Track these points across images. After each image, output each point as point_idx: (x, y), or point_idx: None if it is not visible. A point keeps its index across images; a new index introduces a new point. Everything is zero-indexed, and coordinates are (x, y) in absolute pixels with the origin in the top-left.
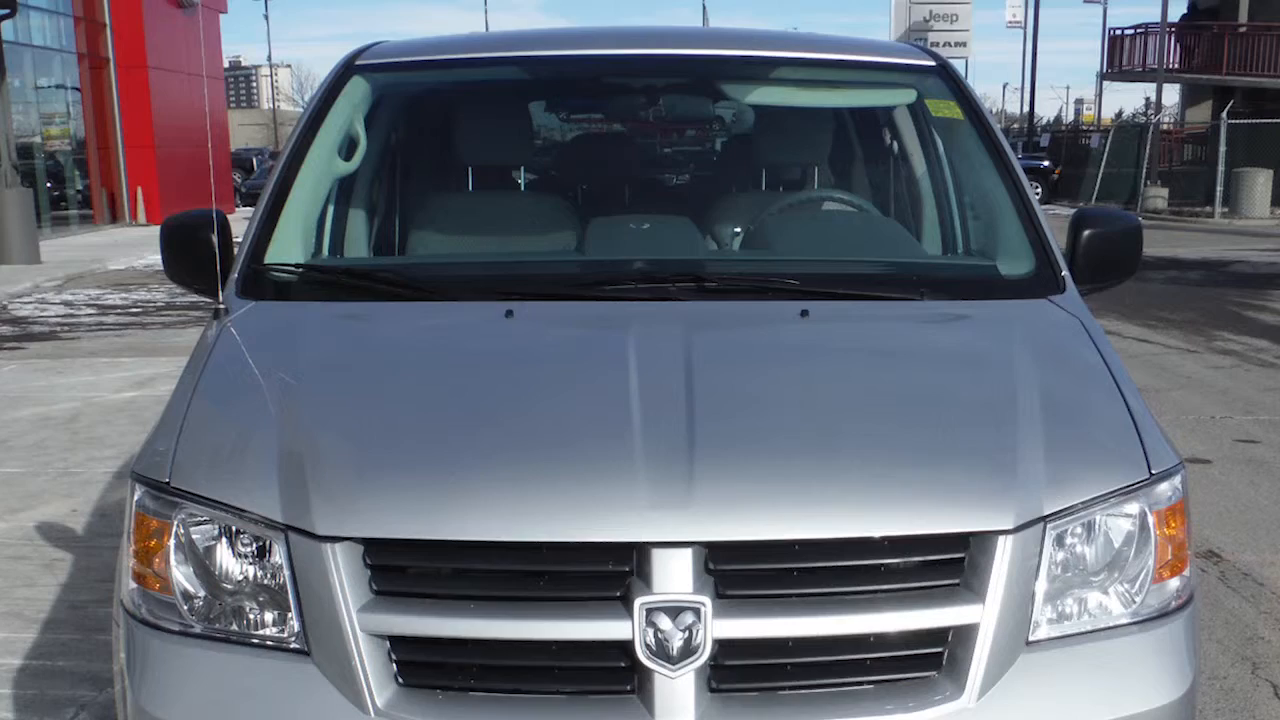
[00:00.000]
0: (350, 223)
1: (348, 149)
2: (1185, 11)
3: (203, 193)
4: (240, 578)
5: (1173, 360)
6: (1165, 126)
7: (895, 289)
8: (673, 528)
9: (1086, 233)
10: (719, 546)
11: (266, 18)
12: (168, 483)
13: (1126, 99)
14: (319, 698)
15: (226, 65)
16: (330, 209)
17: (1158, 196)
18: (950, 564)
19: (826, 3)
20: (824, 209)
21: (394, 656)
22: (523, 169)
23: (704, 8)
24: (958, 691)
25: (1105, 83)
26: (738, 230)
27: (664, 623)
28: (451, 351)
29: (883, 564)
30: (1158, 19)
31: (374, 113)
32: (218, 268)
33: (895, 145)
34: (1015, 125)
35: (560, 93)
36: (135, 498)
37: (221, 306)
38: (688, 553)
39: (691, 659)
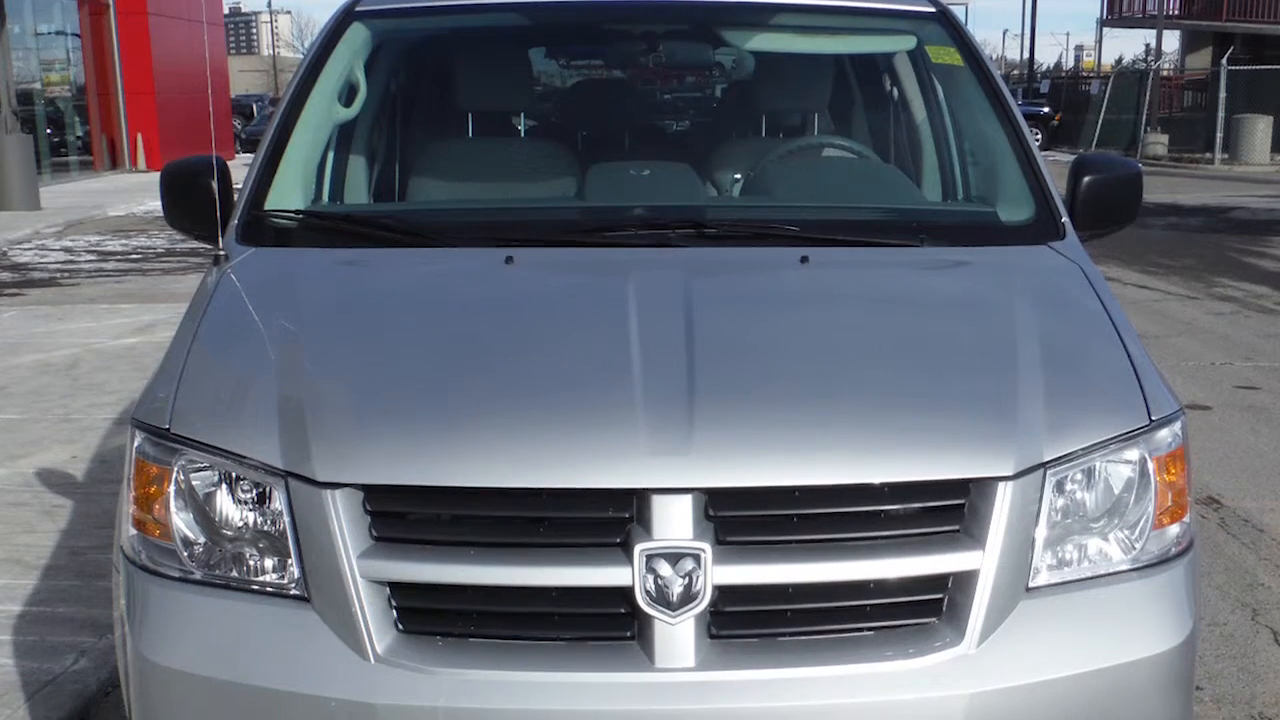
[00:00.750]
0: (350, 169)
1: (348, 95)
2: None
3: (203, 139)
4: (240, 524)
5: (1173, 306)
6: (1165, 73)
7: (895, 235)
8: (673, 474)
9: (1086, 179)
10: (719, 493)
11: None
12: (168, 429)
13: (1126, 45)
14: (319, 644)
15: (226, 11)
16: (330, 155)
17: (1157, 143)
18: (950, 510)
19: None
20: (824, 155)
21: (394, 603)
22: (523, 115)
23: None
24: (957, 638)
25: (1105, 29)
26: (738, 176)
27: (664, 569)
28: (451, 298)
29: (882, 510)
30: None
31: (374, 59)
32: (218, 214)
33: (895, 92)
34: (1015, 72)
35: (560, 39)
36: (135, 444)
37: (221, 253)
38: (687, 499)
39: (691, 605)
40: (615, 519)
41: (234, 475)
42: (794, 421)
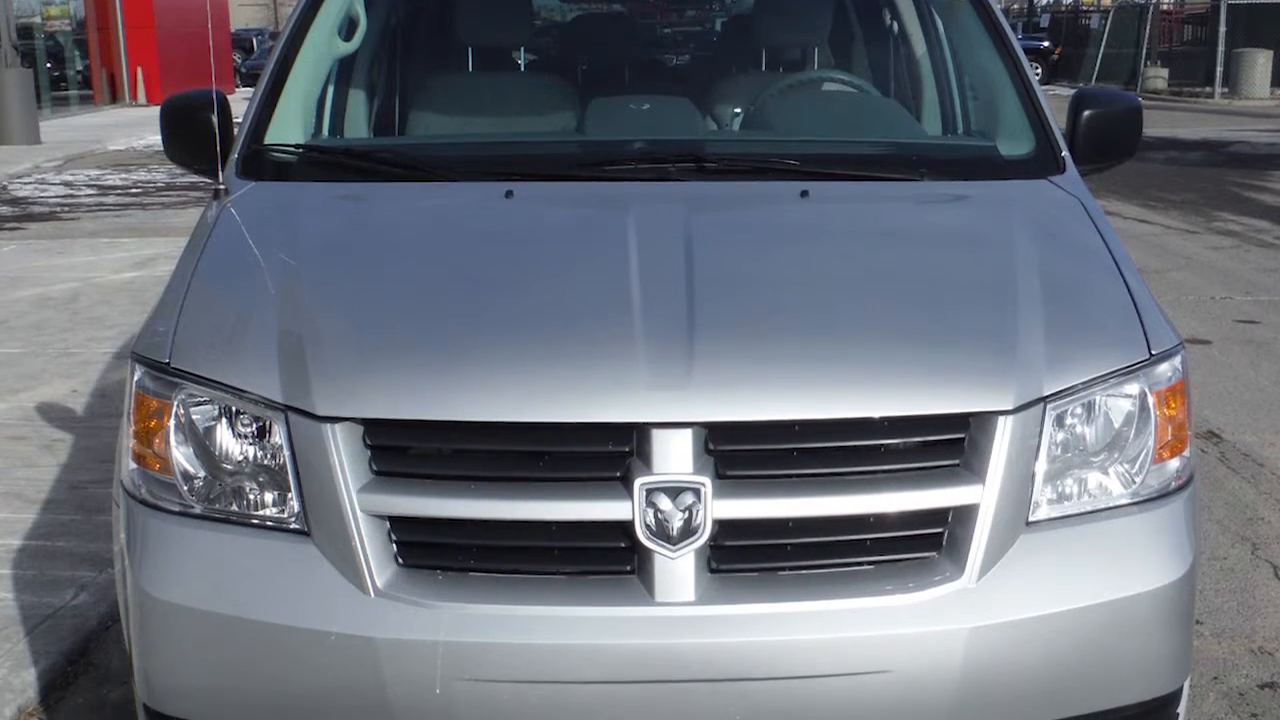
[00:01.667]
0: (350, 103)
1: (347, 29)
2: None
3: (203, 73)
4: (240, 458)
5: (1173, 241)
6: (1165, 7)
7: (895, 169)
8: (673, 408)
9: (1086, 113)
10: (719, 427)
11: None
12: (168, 363)
13: None
14: (319, 578)
15: None
16: (330, 89)
17: (1157, 77)
18: (950, 444)
19: None
20: (824, 89)
21: (394, 537)
22: (522, 50)
23: None
24: (957, 572)
25: None
26: (738, 111)
27: (664, 503)
28: (451, 232)
29: (882, 444)
30: None
31: None
32: (218, 148)
33: (895, 26)
34: (1015, 6)
35: None
36: (135, 378)
37: (221, 187)
38: (687, 433)
39: (691, 539)
40: (615, 453)
41: (234, 409)
42: (794, 356)
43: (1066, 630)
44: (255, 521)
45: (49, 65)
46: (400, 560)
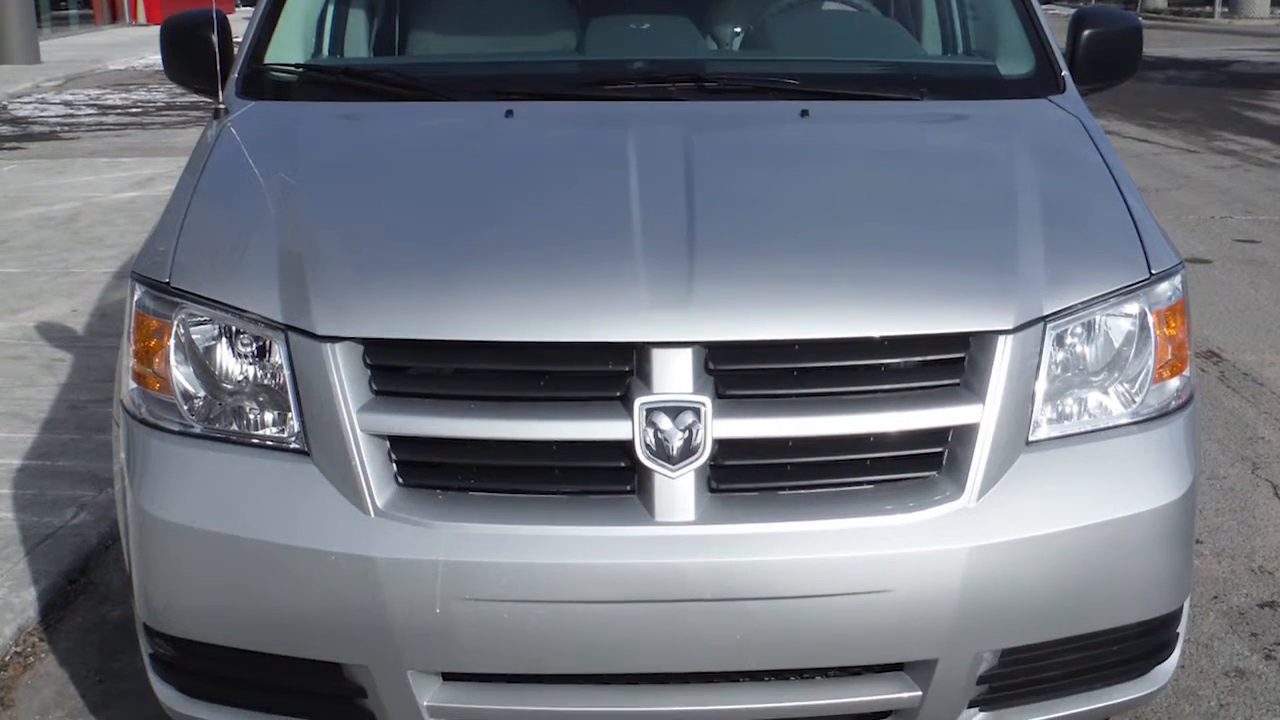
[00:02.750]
0: (350, 22)
1: None
2: None
3: None
4: (240, 378)
5: (1173, 160)
6: None
7: (895, 89)
8: (673, 327)
9: (1086, 32)
10: (719, 346)
11: None
12: (168, 283)
13: None
14: (319, 497)
15: None
16: (330, 9)
17: None
18: (950, 364)
19: None
20: (824, 9)
21: (394, 456)
22: None
23: None
24: (957, 491)
25: None
26: (738, 30)
27: (664, 422)
28: (452, 151)
29: (882, 364)
30: None
31: None
32: (217, 68)
33: None
34: None
35: None
36: (135, 298)
37: (221, 106)
38: (687, 353)
39: (691, 459)
40: (615, 372)
41: (234, 329)
42: (794, 275)
43: (1066, 550)
44: (255, 441)
45: None
46: (400, 480)
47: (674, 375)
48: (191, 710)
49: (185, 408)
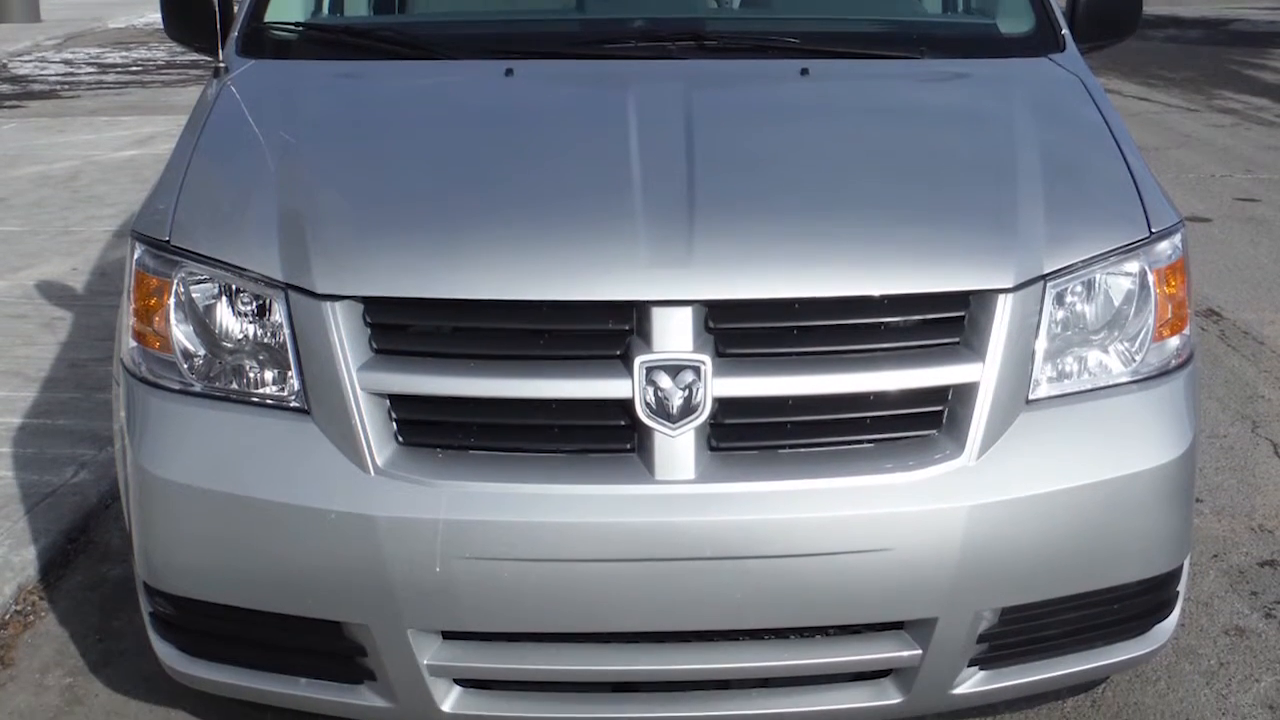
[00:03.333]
0: None
1: None
2: None
3: None
4: (240, 336)
5: (1173, 118)
6: None
7: (895, 47)
8: (673, 286)
9: None
10: (719, 305)
11: None
12: (168, 241)
13: None
14: (319, 456)
15: None
16: None
17: None
18: (950, 322)
19: None
20: None
21: (394, 415)
22: None
23: None
24: (957, 450)
25: None
26: None
27: (664, 381)
28: (452, 110)
29: (882, 323)
30: None
31: None
32: (218, 26)
33: None
34: None
35: None
36: (135, 256)
37: (221, 65)
38: (687, 311)
39: (691, 417)
40: (615, 331)
41: (234, 287)
42: (794, 233)
43: (1066, 508)
44: (255, 399)
45: None
46: (400, 438)
47: (674, 334)
48: (191, 669)
49: (185, 366)
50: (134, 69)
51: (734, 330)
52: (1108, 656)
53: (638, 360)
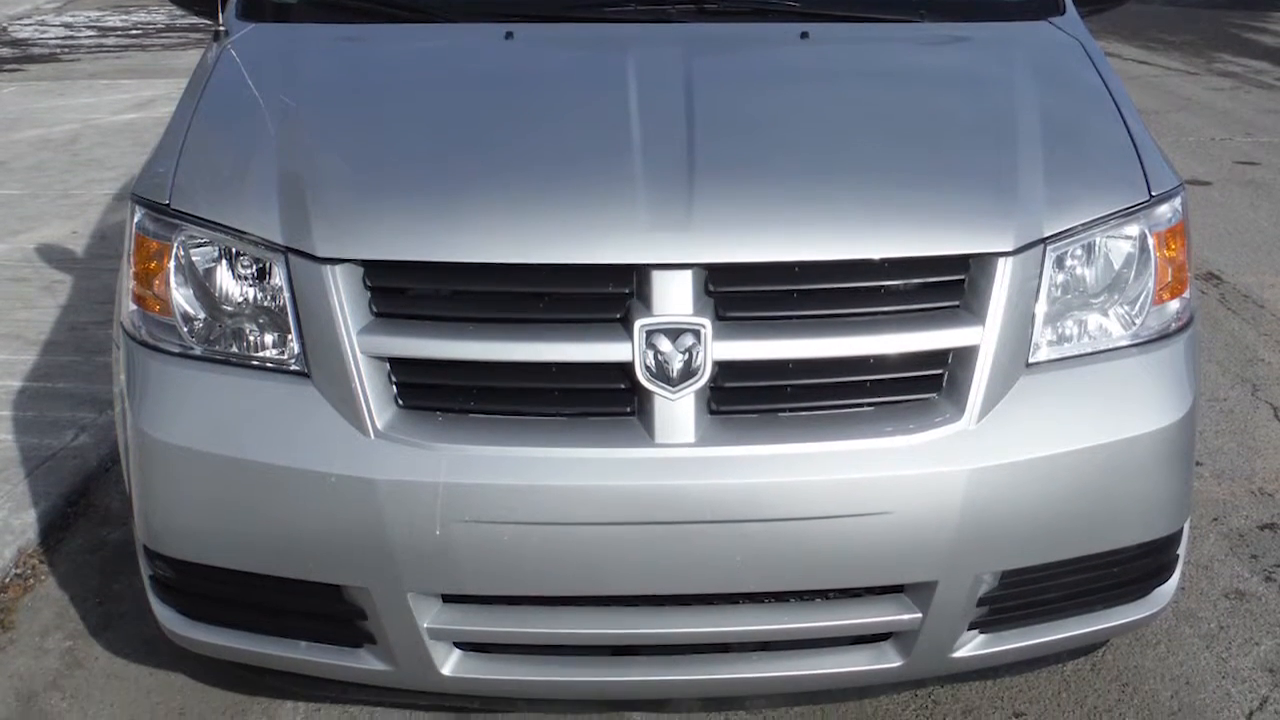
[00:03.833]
0: None
1: None
2: None
3: None
4: (240, 299)
5: (1173, 82)
6: None
7: (895, 10)
8: (672, 249)
9: None
10: (719, 268)
11: None
12: (168, 204)
13: None
14: (319, 419)
15: None
16: None
17: None
18: (950, 286)
19: None
20: None
21: (394, 378)
22: None
23: None
24: (957, 413)
25: None
26: None
27: (664, 344)
28: (452, 73)
29: (882, 286)
30: None
31: None
32: None
33: None
34: None
35: None
36: (135, 220)
37: (221, 28)
38: (687, 274)
39: (691, 381)
40: (615, 294)
41: (234, 251)
42: (795, 197)
43: (1066, 472)
44: (255, 363)
45: None
46: (400, 402)
47: (674, 297)
48: (191, 632)
49: (185, 329)
50: (134, 32)
51: (734, 293)
52: (1108, 620)
53: (638, 323)
